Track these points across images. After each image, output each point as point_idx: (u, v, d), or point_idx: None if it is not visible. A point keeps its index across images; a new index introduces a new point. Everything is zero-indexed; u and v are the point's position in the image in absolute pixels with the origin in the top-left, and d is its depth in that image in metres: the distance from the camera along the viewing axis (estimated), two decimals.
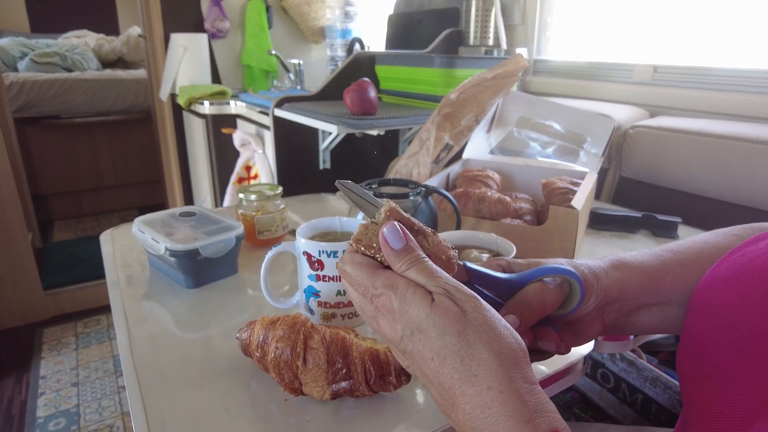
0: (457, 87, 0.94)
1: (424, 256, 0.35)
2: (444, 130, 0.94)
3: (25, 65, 3.08)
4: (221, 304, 0.66)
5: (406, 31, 1.86)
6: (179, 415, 0.46)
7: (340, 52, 2.11)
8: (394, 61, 1.37)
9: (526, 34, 1.63)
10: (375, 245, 0.36)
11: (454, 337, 0.31)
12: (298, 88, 2.05)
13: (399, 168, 0.97)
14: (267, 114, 1.42)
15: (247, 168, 1.67)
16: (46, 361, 1.81)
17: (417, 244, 0.36)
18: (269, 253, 0.58)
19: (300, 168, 1.46)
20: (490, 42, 1.59)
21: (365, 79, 1.15)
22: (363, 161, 1.50)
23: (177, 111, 2.17)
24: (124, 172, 3.33)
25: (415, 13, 1.83)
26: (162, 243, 0.67)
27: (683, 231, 0.92)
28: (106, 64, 3.58)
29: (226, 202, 1.75)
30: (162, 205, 3.08)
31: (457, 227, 0.74)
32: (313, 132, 1.41)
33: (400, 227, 0.36)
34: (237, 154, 1.69)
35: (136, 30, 3.75)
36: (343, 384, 0.45)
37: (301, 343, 0.46)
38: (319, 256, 0.55)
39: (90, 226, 3.14)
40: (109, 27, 4.10)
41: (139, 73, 3.33)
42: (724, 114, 1.16)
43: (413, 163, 0.95)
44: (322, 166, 1.44)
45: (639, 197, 1.16)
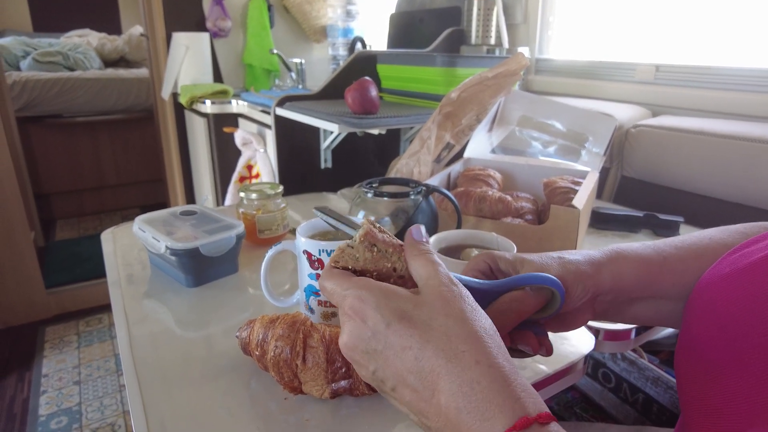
0: (459, 86, 0.94)
1: (435, 252, 0.36)
2: (445, 129, 0.94)
3: (27, 64, 3.09)
4: (222, 302, 0.66)
5: (408, 30, 1.85)
6: (179, 413, 0.46)
7: (342, 51, 2.11)
8: (396, 60, 1.37)
9: (528, 33, 1.62)
10: (351, 267, 0.37)
11: (441, 320, 0.31)
12: (300, 87, 2.05)
13: (400, 167, 0.97)
14: (268, 113, 1.42)
15: (249, 167, 1.67)
16: (48, 360, 1.82)
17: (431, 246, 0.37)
18: (269, 252, 0.58)
19: (301, 167, 1.46)
20: (492, 41, 1.59)
21: (366, 78, 1.15)
22: (364, 160, 1.50)
23: (179, 110, 2.17)
24: (126, 171, 3.34)
25: (417, 12, 1.82)
26: (162, 242, 0.67)
27: (685, 230, 0.92)
28: (108, 63, 3.59)
29: (228, 201, 1.75)
30: (164, 204, 3.09)
31: (458, 226, 0.74)
32: (314, 131, 1.40)
33: (424, 231, 0.38)
34: (238, 153, 1.69)
35: (138, 29, 3.76)
36: (342, 383, 0.45)
37: (300, 341, 0.46)
38: (319, 255, 0.55)
39: (92, 225, 3.15)
40: (112, 26, 4.11)
41: (141, 72, 3.33)
42: (727, 113, 1.16)
43: (414, 162, 0.95)
44: (323, 166, 1.44)
45: (641, 196, 1.16)
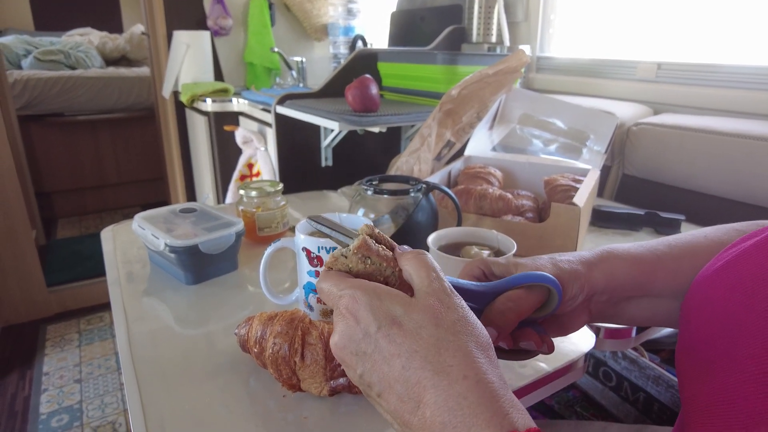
0: (459, 83, 0.94)
1: (428, 254, 0.36)
2: (445, 127, 0.94)
3: (29, 63, 3.09)
4: (221, 300, 0.66)
5: (409, 28, 1.85)
6: (177, 411, 0.45)
7: (343, 50, 2.11)
8: (396, 58, 1.37)
9: (529, 31, 1.62)
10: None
11: (431, 329, 0.31)
12: (301, 85, 2.05)
13: (400, 165, 0.97)
14: (269, 111, 1.41)
15: (250, 165, 1.67)
16: (50, 358, 1.82)
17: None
18: (268, 250, 0.58)
19: (302, 165, 1.46)
20: (493, 39, 1.59)
21: (367, 75, 1.15)
22: (365, 158, 1.50)
23: (180, 108, 2.17)
24: (127, 169, 3.34)
25: (418, 10, 1.82)
26: (162, 239, 0.67)
27: (686, 228, 0.91)
28: (109, 61, 3.59)
29: (229, 199, 1.75)
30: (165, 202, 3.09)
31: (458, 224, 0.74)
32: (315, 129, 1.40)
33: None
34: (239, 152, 1.69)
35: (139, 28, 3.76)
36: (341, 380, 0.45)
37: (299, 339, 0.46)
38: (318, 252, 0.55)
39: (93, 223, 3.16)
40: (113, 25, 4.11)
41: (142, 70, 3.33)
42: (729, 111, 1.16)
43: (414, 159, 0.94)
44: (324, 164, 1.44)
45: (642, 195, 1.16)
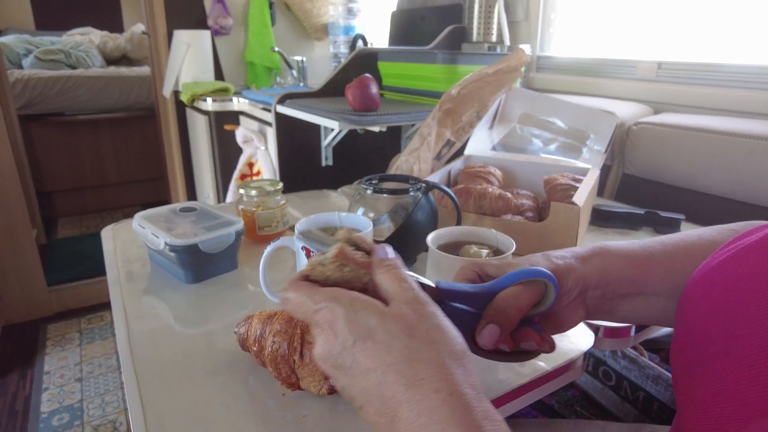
0: (458, 82, 0.94)
1: (404, 267, 0.36)
2: (445, 126, 0.94)
3: (29, 62, 3.09)
4: (221, 299, 0.66)
5: (409, 27, 1.85)
6: (177, 409, 0.46)
7: (343, 49, 2.11)
8: (397, 58, 1.37)
9: (529, 30, 1.62)
10: (321, 282, 0.36)
11: (405, 341, 0.30)
12: (301, 84, 2.05)
13: (400, 164, 0.97)
14: (269, 111, 1.42)
15: (250, 165, 1.67)
16: (50, 357, 1.82)
17: (401, 261, 0.37)
18: (268, 249, 0.58)
19: (302, 165, 1.46)
20: (494, 38, 1.59)
21: (367, 75, 1.15)
22: (365, 158, 1.50)
23: (180, 108, 2.17)
24: (127, 169, 3.35)
25: (418, 9, 1.82)
26: (162, 238, 0.67)
27: (686, 228, 0.91)
28: (110, 61, 3.59)
29: (229, 198, 1.75)
30: (165, 201, 3.09)
31: (458, 223, 0.74)
32: (315, 129, 1.40)
33: (391, 251, 0.37)
34: (240, 151, 1.69)
35: (139, 27, 3.76)
36: None
37: (298, 337, 0.46)
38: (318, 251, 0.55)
39: (94, 222, 3.16)
40: (113, 24, 4.11)
41: (143, 70, 3.33)
42: (729, 111, 1.16)
43: (414, 159, 0.95)
44: (324, 163, 1.44)
45: (642, 194, 1.16)
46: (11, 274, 1.98)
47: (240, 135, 1.66)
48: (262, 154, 1.56)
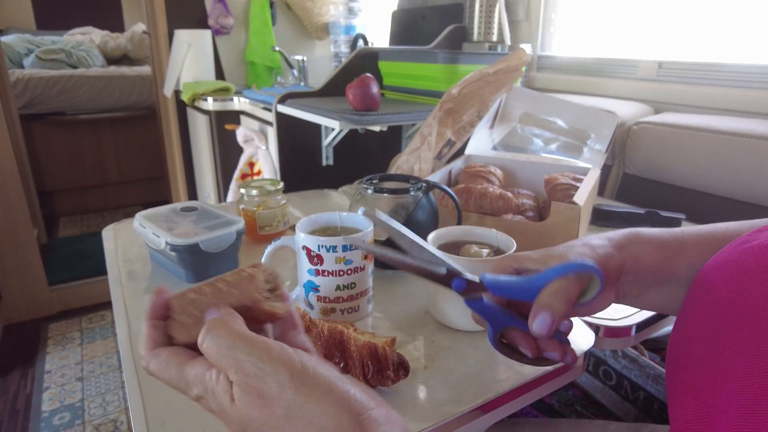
0: (459, 82, 0.94)
1: (228, 318, 0.31)
2: (446, 126, 0.94)
3: (30, 62, 3.10)
4: None
5: (410, 27, 1.85)
6: (178, 408, 0.46)
7: (344, 49, 2.11)
8: (397, 57, 1.37)
9: (530, 30, 1.62)
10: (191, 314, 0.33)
11: (266, 429, 0.27)
12: (302, 84, 2.05)
13: (400, 164, 0.97)
14: (270, 110, 1.42)
15: (251, 164, 1.67)
16: (51, 356, 1.82)
17: (228, 307, 0.32)
18: (269, 248, 0.58)
19: (303, 164, 1.46)
20: (494, 38, 1.59)
21: (368, 74, 1.15)
22: (365, 157, 1.50)
23: (181, 107, 2.18)
24: (128, 168, 3.35)
25: (419, 9, 1.82)
26: (162, 237, 0.67)
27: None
28: (110, 60, 3.59)
29: (230, 198, 1.75)
30: (166, 201, 3.09)
31: (458, 223, 0.74)
32: (315, 128, 1.40)
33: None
34: (240, 151, 1.69)
35: (140, 27, 3.76)
36: None
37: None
38: (318, 251, 0.55)
39: (95, 222, 3.16)
40: (114, 24, 4.12)
41: (144, 69, 3.34)
42: (730, 110, 1.15)
43: (415, 158, 0.95)
44: (324, 163, 1.44)
45: (643, 194, 1.15)
46: (12, 274, 1.99)
47: (241, 134, 1.66)
48: (262, 153, 1.56)
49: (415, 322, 0.60)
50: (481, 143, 1.04)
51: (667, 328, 0.72)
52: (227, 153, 1.88)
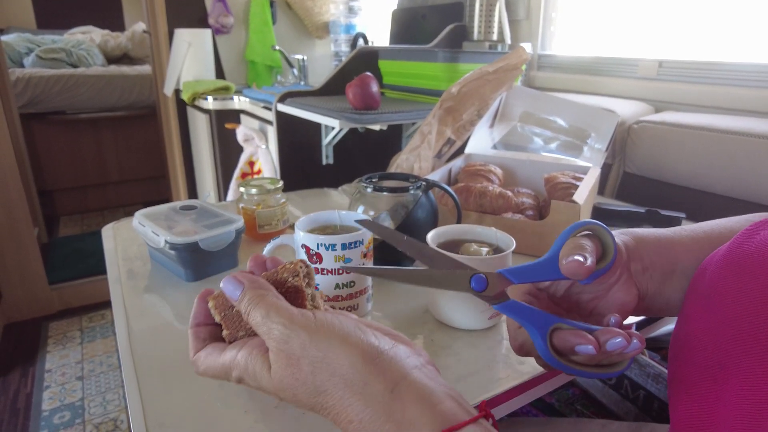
0: (459, 81, 0.94)
1: (264, 292, 0.35)
2: (446, 125, 0.94)
3: (30, 61, 3.10)
4: None
5: (410, 26, 1.85)
6: (177, 407, 0.46)
7: (344, 48, 2.10)
8: (397, 56, 1.37)
9: (530, 29, 1.62)
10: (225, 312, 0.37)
11: (300, 388, 0.31)
12: (302, 83, 2.05)
13: (400, 162, 0.97)
14: (270, 109, 1.42)
15: (251, 163, 1.67)
16: (52, 355, 1.82)
17: (264, 282, 0.36)
18: (268, 246, 0.58)
19: (303, 163, 1.46)
20: (495, 37, 1.58)
21: (367, 73, 1.15)
22: (365, 156, 1.50)
23: (181, 106, 2.18)
24: (129, 167, 3.35)
25: (419, 8, 1.82)
26: (162, 236, 0.67)
27: None
28: (111, 59, 3.59)
29: (230, 197, 1.75)
30: (166, 200, 3.07)
31: (458, 221, 0.74)
32: (315, 127, 1.40)
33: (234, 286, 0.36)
34: (240, 150, 1.69)
35: (141, 26, 3.76)
36: None
37: None
38: (318, 249, 0.55)
39: (95, 221, 3.16)
40: (115, 23, 4.12)
41: (144, 68, 3.34)
42: (730, 109, 1.15)
43: (414, 157, 0.94)
44: (324, 162, 1.44)
45: (643, 193, 1.15)
46: (13, 273, 1.99)
47: (241, 133, 1.66)
48: (262, 152, 1.56)
49: (415, 320, 0.60)
50: (481, 142, 1.04)
51: (668, 327, 0.72)
52: (227, 152, 1.88)
